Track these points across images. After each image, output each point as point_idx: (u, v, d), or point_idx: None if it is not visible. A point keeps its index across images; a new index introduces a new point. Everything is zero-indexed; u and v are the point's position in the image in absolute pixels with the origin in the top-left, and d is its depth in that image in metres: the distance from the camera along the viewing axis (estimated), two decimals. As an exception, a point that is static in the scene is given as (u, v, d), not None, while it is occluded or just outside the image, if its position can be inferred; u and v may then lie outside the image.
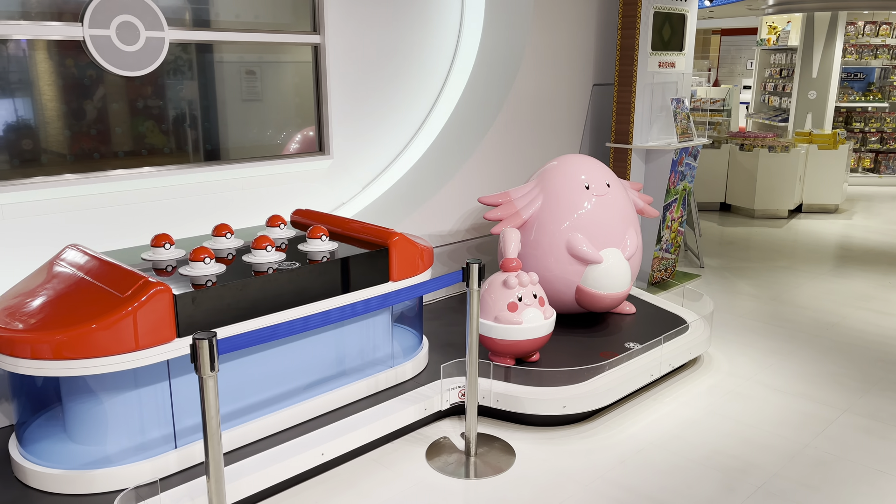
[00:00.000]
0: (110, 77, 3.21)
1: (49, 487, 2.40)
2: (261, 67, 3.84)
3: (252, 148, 3.83)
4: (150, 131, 3.43)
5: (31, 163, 3.07)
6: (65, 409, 2.54)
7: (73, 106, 3.14)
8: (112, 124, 3.28)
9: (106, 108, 3.25)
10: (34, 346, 2.28)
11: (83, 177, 3.17)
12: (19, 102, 3.02)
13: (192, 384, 2.57)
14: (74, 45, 3.09)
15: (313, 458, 2.67)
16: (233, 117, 3.76)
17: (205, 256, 2.65)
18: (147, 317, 2.33)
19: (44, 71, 3.05)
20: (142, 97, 3.35)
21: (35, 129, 3.06)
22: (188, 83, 3.52)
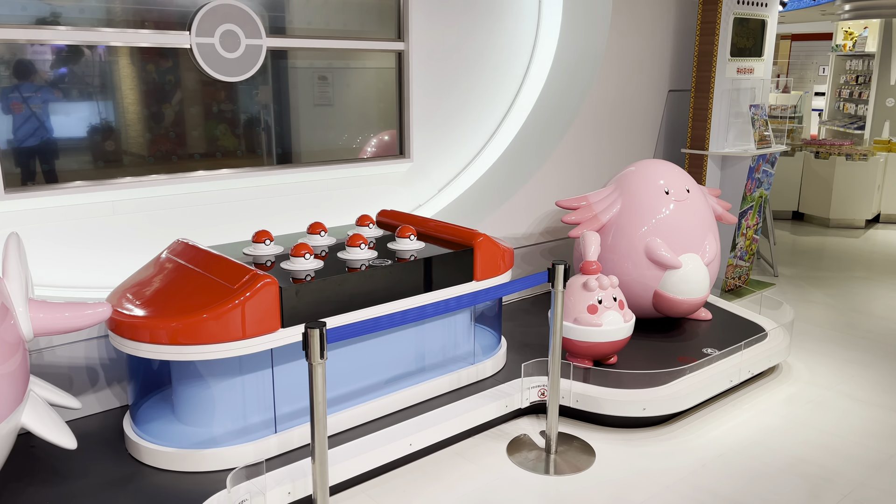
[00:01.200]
0: (188, 82, 3.39)
1: (160, 464, 2.57)
2: (341, 74, 3.99)
3: (332, 151, 3.98)
4: (223, 134, 3.61)
5: (115, 163, 3.27)
6: (175, 391, 2.72)
7: (154, 110, 3.33)
8: (189, 127, 3.45)
9: (183, 111, 3.42)
10: (152, 331, 2.46)
11: (181, 177, 3.36)
12: (110, 106, 3.22)
13: (292, 373, 2.72)
14: (156, 52, 3.27)
15: (402, 448, 2.78)
16: (313, 121, 3.91)
17: (305, 252, 2.80)
18: (255, 307, 2.48)
19: (126, 76, 3.25)
20: (216, 101, 3.52)
21: (119, 130, 3.24)
22: (264, 88, 3.68)
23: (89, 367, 2.94)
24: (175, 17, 3.28)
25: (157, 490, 2.45)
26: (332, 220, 3.88)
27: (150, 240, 3.31)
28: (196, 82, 3.39)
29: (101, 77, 3.14)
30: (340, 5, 3.87)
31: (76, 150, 3.11)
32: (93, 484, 2.47)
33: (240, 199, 3.61)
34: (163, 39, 3.24)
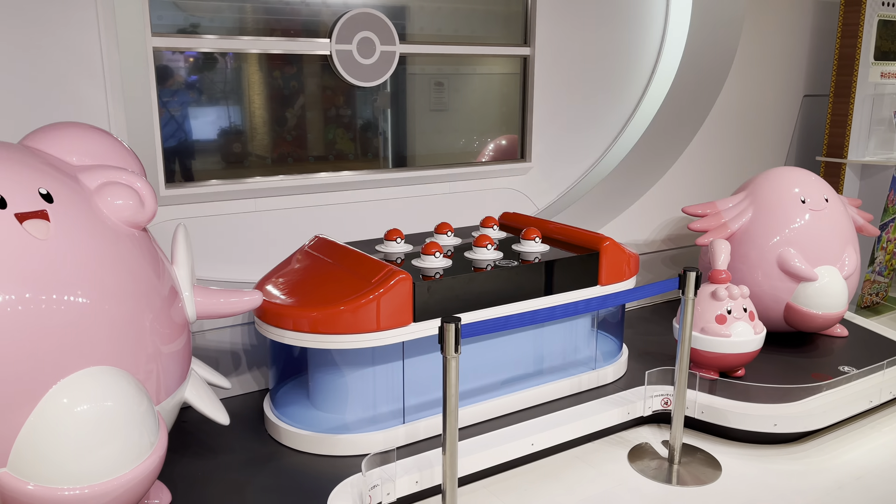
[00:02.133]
0: (311, 88, 3.56)
1: (297, 446, 2.73)
2: (457, 79, 4.08)
3: (447, 156, 4.08)
4: (341, 138, 3.76)
5: (238, 164, 3.49)
6: (311, 378, 2.88)
7: (278, 114, 3.52)
8: (309, 130, 3.62)
9: (304, 116, 3.59)
10: (295, 320, 2.62)
11: (332, 176, 3.56)
12: (235, 110, 3.44)
13: (420, 366, 2.81)
14: (281, 58, 3.46)
15: (523, 448, 2.82)
16: (429, 126, 4.02)
17: (435, 251, 2.89)
18: (390, 302, 2.60)
19: (254, 82, 3.46)
20: (335, 106, 3.68)
21: (251, 132, 3.45)
22: (383, 93, 3.81)
23: (233, 352, 3.16)
24: (314, 26, 3.48)
25: (295, 469, 2.61)
26: (453, 221, 3.97)
27: (286, 235, 3.51)
28: (318, 87, 3.58)
29: (233, 82, 3.37)
30: (467, 13, 3.96)
31: (216, 150, 3.36)
32: (237, 460, 2.66)
33: (360, 201, 3.74)
34: (305, 47, 3.43)
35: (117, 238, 2.04)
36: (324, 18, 3.49)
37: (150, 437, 1.93)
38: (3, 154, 1.96)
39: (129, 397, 1.88)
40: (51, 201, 1.90)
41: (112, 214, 2.05)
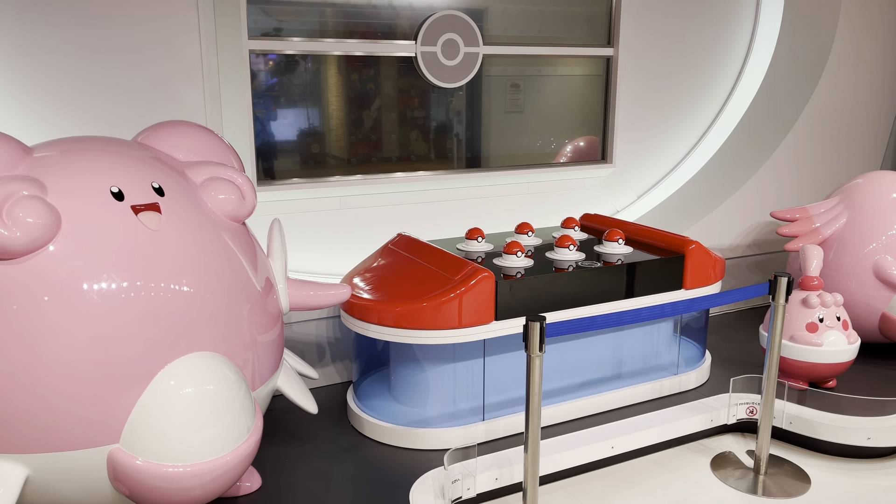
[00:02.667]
0: (386, 90, 3.62)
1: (379, 437, 2.80)
2: (534, 81, 4.07)
3: (524, 157, 4.08)
4: (416, 140, 3.81)
5: (317, 164, 3.58)
6: (392, 372, 2.94)
7: (355, 116, 3.59)
8: (385, 131, 3.67)
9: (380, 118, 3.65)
10: (380, 314, 2.68)
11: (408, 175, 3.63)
12: (314, 112, 3.52)
13: (500, 365, 2.83)
14: (359, 61, 3.53)
15: (603, 450, 2.80)
16: (505, 127, 4.03)
17: (517, 251, 2.91)
18: (472, 299, 2.63)
19: (333, 84, 3.54)
20: (410, 108, 3.73)
21: (328, 133, 3.54)
22: (459, 95, 3.83)
23: (318, 344, 3.26)
24: (391, 28, 3.54)
25: (377, 460, 2.68)
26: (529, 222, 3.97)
27: (367, 233, 3.58)
28: (395, 89, 3.64)
29: (312, 85, 3.46)
30: (549, 14, 3.96)
31: (295, 150, 3.47)
32: (322, 448, 2.75)
33: (439, 200, 3.79)
34: (391, 48, 3.51)
35: (220, 231, 2.14)
36: (401, 21, 3.56)
37: (248, 421, 2.02)
38: (121, 150, 2.09)
39: (230, 382, 1.98)
40: (162, 195, 2.02)
41: (216, 208, 2.16)
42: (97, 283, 1.84)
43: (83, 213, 1.88)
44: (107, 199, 1.92)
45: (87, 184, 1.93)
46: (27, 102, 2.80)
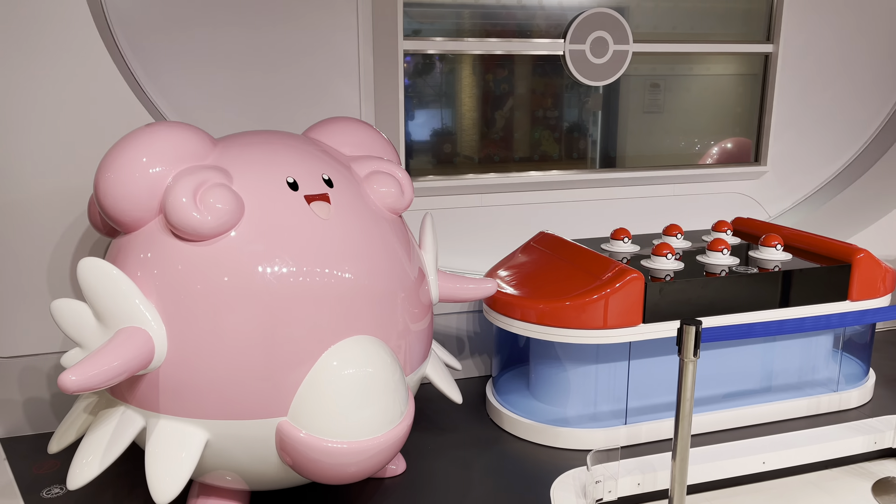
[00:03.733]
0: (520, 90, 3.60)
1: (518, 433, 2.82)
2: (675, 80, 3.92)
3: (667, 157, 3.94)
4: (546, 140, 3.75)
5: (450, 163, 3.61)
6: (532, 369, 2.95)
7: (488, 116, 3.60)
8: (518, 130, 3.66)
9: (512, 118, 3.64)
10: (523, 310, 2.70)
11: (543, 175, 3.62)
12: (447, 112, 3.57)
13: (645, 369, 2.77)
14: (494, 61, 3.52)
15: (753, 465, 2.67)
16: (644, 128, 3.92)
17: (667, 252, 2.83)
18: (619, 300, 2.59)
19: (467, 85, 3.56)
20: (542, 107, 3.68)
21: (458, 133, 3.58)
22: (595, 95, 3.75)
23: (458, 337, 3.33)
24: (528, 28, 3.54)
25: (516, 454, 2.70)
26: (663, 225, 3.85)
27: (499, 231, 3.60)
28: (528, 89, 3.63)
29: (445, 85, 3.52)
30: (705, 10, 3.82)
31: (429, 149, 3.55)
32: (462, 439, 2.81)
33: (580, 200, 3.74)
34: (540, 47, 3.52)
35: (380, 222, 2.24)
36: (538, 21, 3.55)
37: (402, 405, 2.10)
38: (295, 144, 2.24)
39: (387, 366, 2.07)
40: (331, 186, 2.14)
41: (377, 200, 2.26)
42: (272, 267, 1.98)
43: (263, 201, 2.03)
44: (283, 188, 2.06)
45: (266, 174, 2.08)
46: (205, 98, 3.05)
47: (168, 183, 1.98)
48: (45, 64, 2.59)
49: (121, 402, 2.03)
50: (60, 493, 2.39)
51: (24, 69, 2.57)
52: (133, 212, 2.00)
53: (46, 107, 2.61)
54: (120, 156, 2.01)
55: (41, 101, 2.60)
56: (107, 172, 2.00)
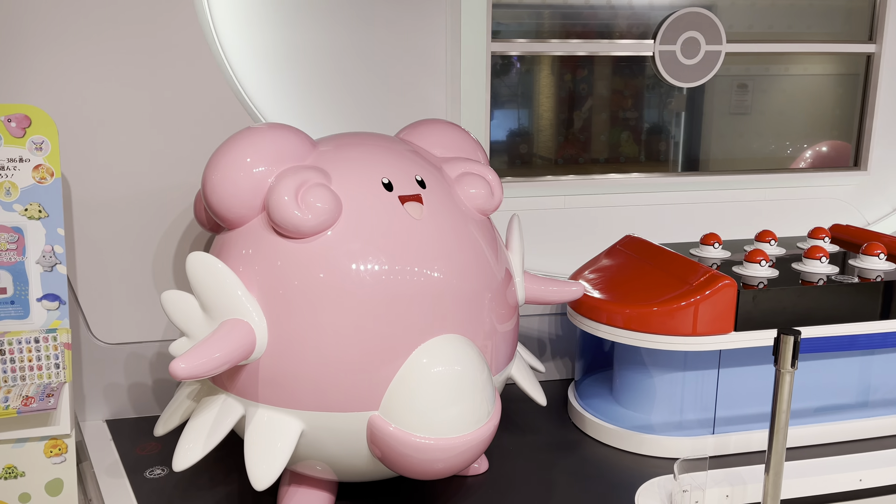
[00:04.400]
0: (599, 90, 3.54)
1: (601, 437, 2.79)
2: (763, 81, 3.79)
3: (754, 160, 3.82)
4: (626, 141, 3.67)
5: (526, 164, 3.58)
6: (616, 374, 2.92)
7: (565, 116, 3.55)
8: (597, 132, 3.61)
9: (590, 118, 3.59)
10: (609, 314, 2.68)
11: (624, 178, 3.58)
12: (524, 112, 3.55)
13: (735, 378, 2.70)
14: (574, 61, 3.48)
15: (849, 482, 2.56)
16: (731, 130, 3.81)
17: (761, 259, 2.75)
18: (710, 307, 2.53)
19: (545, 85, 3.52)
20: (622, 108, 3.62)
21: (535, 134, 3.56)
22: (679, 96, 3.65)
23: (539, 339, 3.33)
24: (609, 28, 3.50)
25: (599, 459, 2.68)
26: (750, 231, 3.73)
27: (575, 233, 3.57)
28: (608, 90, 3.58)
29: (523, 86, 3.51)
30: (804, 7, 3.68)
31: (505, 150, 3.55)
32: (543, 440, 2.80)
33: (650, 204, 3.67)
34: (629, 48, 3.48)
35: (470, 222, 2.27)
36: (619, 21, 3.50)
37: (488, 405, 2.12)
38: (389, 145, 2.30)
39: (475, 365, 2.09)
40: (424, 187, 2.18)
41: (467, 201, 2.29)
42: (367, 265, 2.03)
43: (359, 201, 2.09)
44: (379, 189, 2.12)
45: (362, 175, 2.15)
46: (295, 98, 3.15)
47: (271, 182, 2.06)
48: (152, 67, 2.74)
49: (222, 390, 2.13)
50: (162, 473, 2.53)
51: (135, 73, 2.73)
52: (237, 209, 2.10)
53: (153, 107, 2.77)
54: (226, 156, 2.11)
55: (148, 102, 2.76)
56: (214, 172, 2.10)
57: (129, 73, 2.73)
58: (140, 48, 2.72)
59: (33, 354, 2.18)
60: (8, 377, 2.17)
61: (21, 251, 2.17)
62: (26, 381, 2.18)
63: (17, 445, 2.18)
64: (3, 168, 2.15)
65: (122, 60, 2.71)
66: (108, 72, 2.71)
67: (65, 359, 2.21)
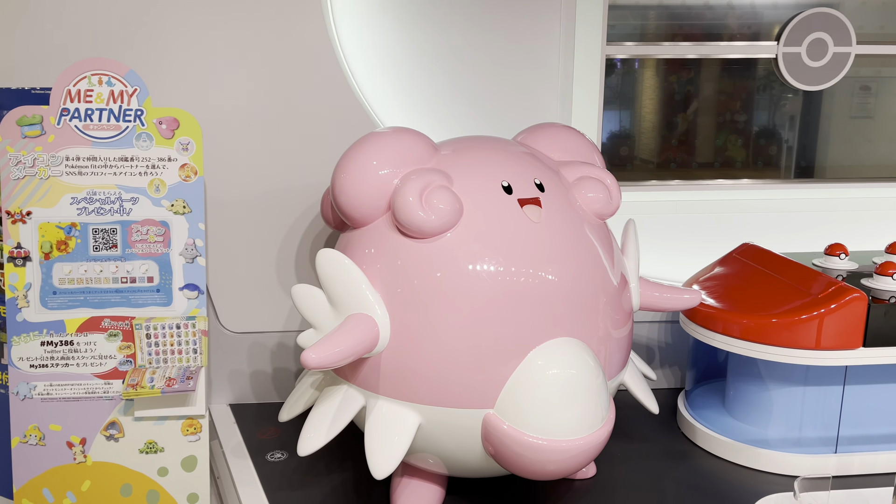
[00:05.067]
0: (706, 92, 3.41)
1: (712, 449, 2.72)
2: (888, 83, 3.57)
3: (885, 167, 3.60)
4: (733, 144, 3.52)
5: (624, 167, 3.49)
6: (730, 386, 2.84)
7: (669, 119, 3.45)
8: (703, 135, 3.49)
9: (696, 121, 3.48)
10: (725, 324, 2.61)
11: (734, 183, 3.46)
12: (625, 114, 3.47)
13: (863, 396, 2.58)
14: (680, 62, 3.36)
15: None
16: (851, 134, 3.61)
17: (893, 272, 2.61)
18: (836, 321, 2.43)
19: (648, 87, 3.43)
20: (731, 111, 3.48)
21: (636, 136, 3.48)
22: (792, 99, 3.48)
23: (648, 347, 3.28)
24: (718, 29, 3.39)
25: (710, 471, 2.62)
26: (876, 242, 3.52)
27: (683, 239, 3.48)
28: (715, 92, 3.46)
29: (625, 87, 3.44)
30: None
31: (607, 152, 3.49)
32: (652, 450, 2.77)
33: (760, 211, 3.53)
34: (749, 50, 3.37)
35: (586, 226, 2.28)
36: (728, 21, 3.39)
37: (602, 411, 2.12)
38: (508, 149, 2.34)
39: (590, 369, 2.10)
40: (542, 190, 2.21)
41: (585, 205, 2.30)
42: (485, 266, 2.08)
43: (479, 203, 2.14)
44: (498, 192, 2.16)
45: (482, 177, 2.19)
46: (411, 102, 3.24)
47: (396, 184, 2.15)
48: (280, 69, 2.90)
49: (344, 381, 2.23)
50: (282, 458, 2.67)
51: (264, 77, 2.89)
52: (363, 209, 2.19)
53: (284, 110, 2.93)
54: (353, 159, 2.21)
55: (275, 103, 2.92)
56: (342, 173, 2.21)
57: (260, 76, 2.90)
58: (270, 52, 2.88)
59: (174, 339, 2.36)
60: (152, 359, 2.36)
61: (167, 243, 2.35)
62: (168, 364, 2.37)
63: (157, 423, 2.36)
64: (154, 167, 2.33)
65: (253, 64, 2.89)
66: (240, 75, 2.89)
67: (201, 345, 2.38)
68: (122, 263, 2.35)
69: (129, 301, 2.35)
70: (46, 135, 2.30)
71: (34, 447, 2.34)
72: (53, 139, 2.30)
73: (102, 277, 2.34)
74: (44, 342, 2.32)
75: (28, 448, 2.34)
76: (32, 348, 2.32)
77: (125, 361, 2.36)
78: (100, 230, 2.33)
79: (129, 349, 2.36)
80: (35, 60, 2.72)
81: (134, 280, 2.35)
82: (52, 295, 2.32)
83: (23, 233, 2.29)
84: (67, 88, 2.30)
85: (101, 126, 2.32)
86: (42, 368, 2.33)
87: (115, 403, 2.36)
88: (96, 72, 2.30)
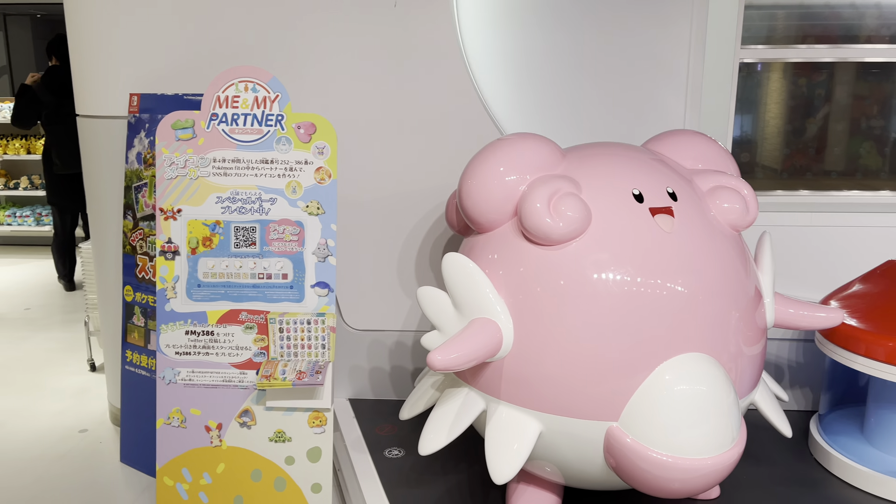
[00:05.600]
0: (838, 96, 3.15)
1: (847, 478, 2.56)
2: None
3: None
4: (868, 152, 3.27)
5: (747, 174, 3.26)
6: (870, 412, 2.65)
7: (796, 124, 3.22)
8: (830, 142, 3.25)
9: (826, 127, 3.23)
10: (869, 346, 2.44)
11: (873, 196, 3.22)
12: (747, 118, 3.27)
13: None
14: (810, 64, 3.12)
15: None
16: None
17: None
18: None
19: (774, 90, 3.20)
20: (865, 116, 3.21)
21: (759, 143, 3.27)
22: None
23: (778, 365, 3.12)
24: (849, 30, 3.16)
25: (845, 501, 2.45)
26: None
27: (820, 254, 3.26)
28: (849, 96, 3.21)
29: (749, 90, 3.25)
30: None
31: None
32: (781, 475, 2.63)
33: None
34: (889, 53, 3.14)
35: (720, 237, 2.19)
36: (865, 22, 3.15)
37: (733, 431, 2.03)
38: (638, 156, 2.29)
39: (721, 387, 2.01)
40: (675, 199, 2.15)
41: (719, 216, 2.21)
42: (613, 275, 2.05)
43: (609, 211, 2.11)
44: (629, 200, 2.12)
45: (612, 185, 2.16)
46: (534, 108, 3.23)
47: (523, 190, 2.15)
48: (410, 77, 2.97)
49: (465, 383, 2.26)
50: (399, 455, 2.74)
51: (393, 83, 2.98)
52: (490, 214, 2.21)
53: (414, 119, 3.00)
54: (481, 165, 2.24)
55: (407, 110, 3.00)
56: (469, 179, 2.24)
57: (388, 83, 2.98)
58: (399, 59, 2.97)
59: (305, 334, 2.47)
60: (284, 352, 2.48)
61: (301, 243, 2.47)
62: (298, 358, 2.48)
63: (287, 413, 2.48)
64: (291, 169, 2.46)
65: (383, 71, 2.98)
66: (371, 81, 2.99)
67: (330, 341, 2.48)
68: (259, 260, 2.48)
69: (265, 296, 2.48)
70: (197, 138, 2.47)
71: (176, 429, 2.52)
72: (203, 142, 2.47)
73: (241, 273, 2.48)
74: (188, 331, 2.49)
75: (171, 430, 2.52)
76: (178, 336, 2.49)
77: (259, 353, 2.49)
78: (241, 228, 2.48)
79: (262, 342, 2.49)
80: (187, 68, 2.93)
81: (270, 276, 2.48)
82: (197, 287, 2.49)
83: (174, 229, 2.47)
84: (217, 94, 2.46)
85: (245, 130, 2.46)
86: (185, 356, 2.51)
87: (249, 392, 2.49)
88: (243, 79, 2.45)
